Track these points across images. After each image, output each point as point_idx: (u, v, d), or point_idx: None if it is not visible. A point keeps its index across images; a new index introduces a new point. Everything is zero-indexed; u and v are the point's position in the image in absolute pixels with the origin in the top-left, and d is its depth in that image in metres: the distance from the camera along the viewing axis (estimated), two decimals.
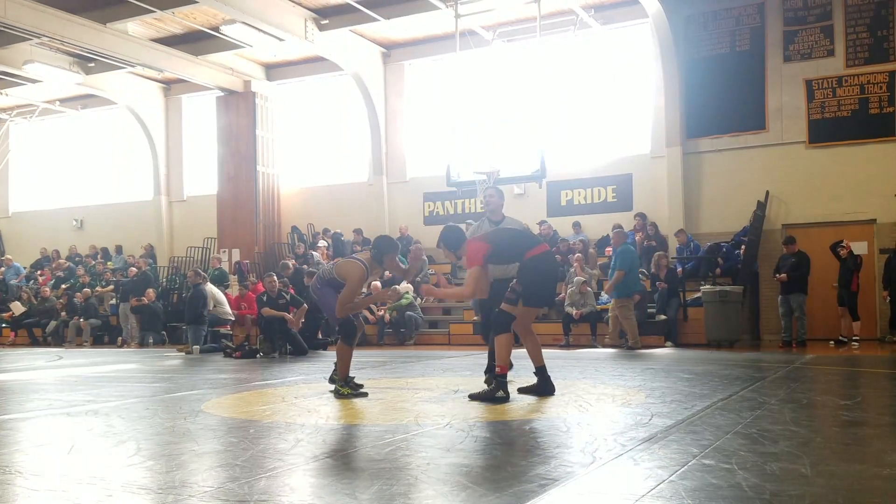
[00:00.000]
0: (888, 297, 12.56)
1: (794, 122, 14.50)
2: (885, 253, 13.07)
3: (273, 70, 19.54)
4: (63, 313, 18.10)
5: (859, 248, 14.03)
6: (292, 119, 19.85)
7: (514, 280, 5.84)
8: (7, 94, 20.23)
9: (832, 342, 12.63)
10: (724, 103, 14.98)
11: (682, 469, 3.45)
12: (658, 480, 3.24)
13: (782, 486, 3.19)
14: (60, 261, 21.19)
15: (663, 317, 13.09)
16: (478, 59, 15.58)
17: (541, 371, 5.98)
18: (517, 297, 5.71)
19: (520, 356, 6.48)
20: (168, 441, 4.58)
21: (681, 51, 15.17)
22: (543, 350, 6.11)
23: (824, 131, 14.29)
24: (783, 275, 12.49)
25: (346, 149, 19.28)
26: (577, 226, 16.05)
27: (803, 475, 3.39)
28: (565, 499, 2.98)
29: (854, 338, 12.37)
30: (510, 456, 3.86)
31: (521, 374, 6.92)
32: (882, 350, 11.72)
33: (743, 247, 13.73)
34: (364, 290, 8.44)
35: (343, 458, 3.88)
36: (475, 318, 12.87)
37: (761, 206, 14.28)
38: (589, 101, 16.50)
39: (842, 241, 12.63)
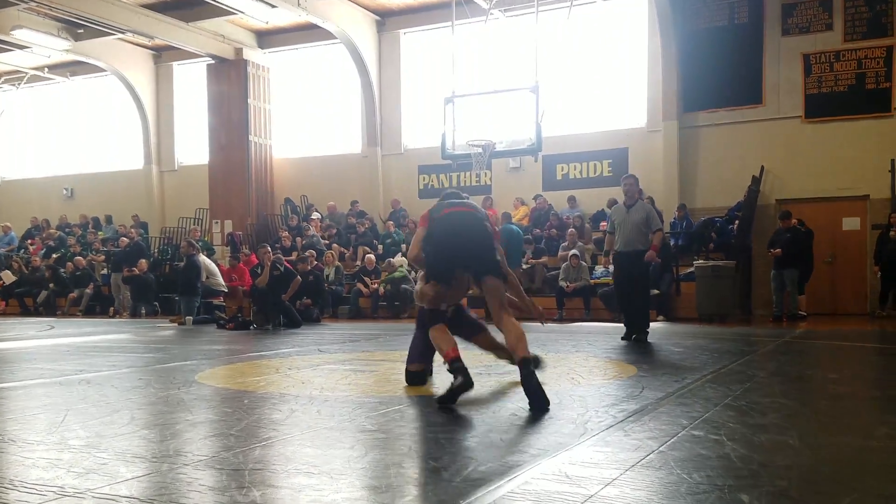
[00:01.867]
0: (879, 273, 12.64)
1: (791, 97, 14.48)
2: (878, 229, 13.12)
3: (265, 38, 19.34)
4: (51, 284, 18.04)
5: (852, 223, 14.13)
6: (285, 88, 19.70)
7: None
8: None
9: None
10: (721, 77, 14.93)
11: (672, 440, 3.51)
12: (648, 451, 3.29)
13: (770, 457, 3.24)
14: (51, 230, 21.12)
15: (656, 291, 13.15)
16: (475, 29, 15.45)
17: (525, 363, 4.40)
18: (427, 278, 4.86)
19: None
20: (162, 411, 4.61)
21: (678, 23, 15.09)
22: (536, 325, 6.08)
23: (820, 106, 14.28)
24: (777, 250, 12.55)
25: (340, 120, 19.15)
26: (572, 200, 16.06)
27: (791, 447, 3.44)
28: (557, 469, 3.02)
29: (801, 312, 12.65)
30: (502, 427, 3.91)
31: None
32: (871, 325, 11.81)
33: (737, 222, 13.77)
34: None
35: (337, 429, 3.92)
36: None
37: (756, 181, 14.30)
38: (586, 74, 16.41)
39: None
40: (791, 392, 5.29)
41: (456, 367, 4.48)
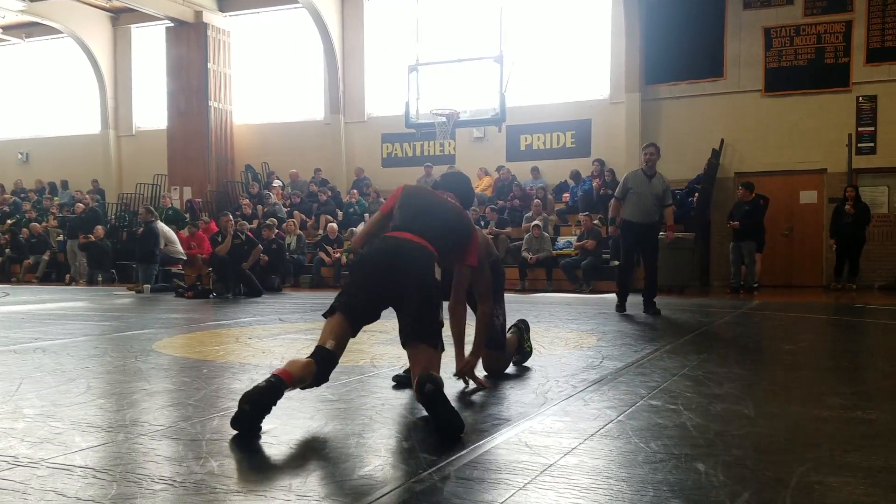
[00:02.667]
0: (834, 246, 12.87)
1: (752, 70, 14.60)
2: (834, 202, 13.34)
3: (226, 1, 18.95)
4: (7, 250, 17.70)
5: (809, 196, 14.36)
6: (246, 53, 19.36)
7: None
8: None
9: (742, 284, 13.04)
10: (682, 50, 15.00)
11: (630, 409, 3.55)
12: (606, 420, 3.33)
13: (726, 426, 3.30)
14: (6, 195, 20.68)
15: (616, 262, 13.26)
16: None
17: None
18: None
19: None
20: (119, 380, 4.55)
21: None
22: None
23: (780, 80, 14.43)
24: (735, 223, 12.71)
25: (302, 86, 18.91)
26: (535, 171, 16.09)
27: (747, 416, 3.51)
28: (517, 439, 3.04)
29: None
30: (465, 398, 3.93)
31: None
32: (826, 297, 12.07)
33: (696, 194, 13.92)
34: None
35: (298, 398, 3.89)
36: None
37: (716, 153, 14.44)
38: (550, 45, 16.37)
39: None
40: (747, 362, 5.39)
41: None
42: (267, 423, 3.31)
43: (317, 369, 3.34)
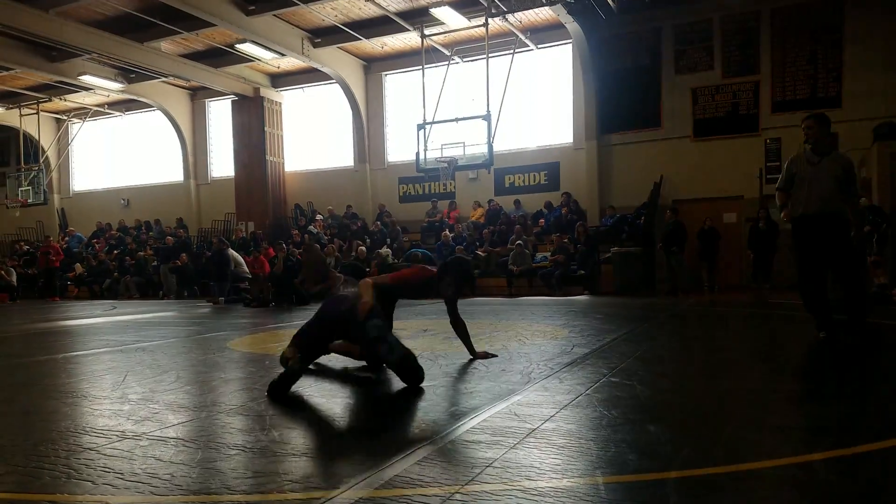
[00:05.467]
0: (752, 256, 12.82)
1: (683, 121, 14.61)
2: (750, 221, 13.29)
3: (277, 79, 19.08)
4: (115, 273, 17.76)
5: (730, 217, 14.33)
6: (294, 118, 19.45)
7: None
8: (65, 99, 19.64)
9: (705, 287, 12.93)
10: (628, 106, 15.02)
11: (595, 385, 3.55)
12: (577, 394, 3.33)
13: (670, 397, 3.30)
14: (112, 231, 20.81)
15: (582, 272, 13.27)
16: (440, 71, 15.40)
17: None
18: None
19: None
20: (201, 371, 4.56)
21: (596, 64, 15.15)
22: (491, 299, 6.08)
23: (705, 128, 14.44)
24: (659, 245, 12.74)
25: (337, 141, 18.95)
26: (517, 203, 16.08)
27: (686, 389, 3.50)
28: (508, 410, 3.04)
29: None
30: (465, 378, 3.93)
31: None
32: (747, 296, 12.02)
33: (643, 218, 13.90)
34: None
35: (339, 382, 3.90)
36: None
37: (656, 186, 14.43)
38: (526, 104, 16.42)
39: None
40: (686, 348, 5.38)
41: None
42: (316, 400, 3.32)
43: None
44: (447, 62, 15.60)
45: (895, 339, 5.55)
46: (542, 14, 14.90)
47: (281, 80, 19.01)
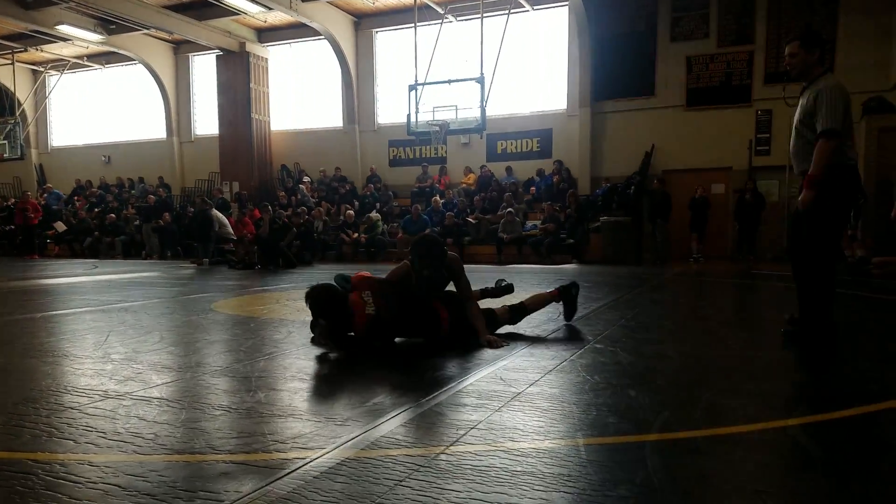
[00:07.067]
0: (738, 227, 12.92)
1: (676, 90, 14.55)
2: (738, 192, 13.36)
3: (264, 34, 18.68)
4: (96, 232, 17.59)
5: (718, 188, 14.40)
6: (280, 75, 19.12)
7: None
8: (41, 50, 19.10)
9: (691, 259, 13.04)
10: (622, 73, 14.91)
11: (580, 351, 3.61)
12: (562, 359, 3.38)
13: (652, 363, 3.36)
14: (93, 189, 20.53)
15: (571, 240, 13.32)
16: (433, 30, 15.15)
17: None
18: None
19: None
20: (185, 332, 4.57)
21: (592, 30, 14.97)
22: (480, 266, 6.09)
23: (698, 97, 14.39)
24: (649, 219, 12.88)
25: (325, 101, 18.69)
26: (509, 170, 16.03)
27: (668, 356, 3.57)
28: (494, 374, 3.09)
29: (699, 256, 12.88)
30: (453, 344, 3.97)
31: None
32: (731, 266, 12.15)
33: (633, 187, 13.92)
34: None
35: (326, 345, 3.93)
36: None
37: (648, 155, 14.43)
38: (520, 68, 16.25)
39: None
40: (668, 315, 5.45)
41: None
42: (301, 363, 3.34)
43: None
44: (441, 21, 15.33)
45: (876, 312, 5.66)
46: None
47: (268, 34, 18.62)
